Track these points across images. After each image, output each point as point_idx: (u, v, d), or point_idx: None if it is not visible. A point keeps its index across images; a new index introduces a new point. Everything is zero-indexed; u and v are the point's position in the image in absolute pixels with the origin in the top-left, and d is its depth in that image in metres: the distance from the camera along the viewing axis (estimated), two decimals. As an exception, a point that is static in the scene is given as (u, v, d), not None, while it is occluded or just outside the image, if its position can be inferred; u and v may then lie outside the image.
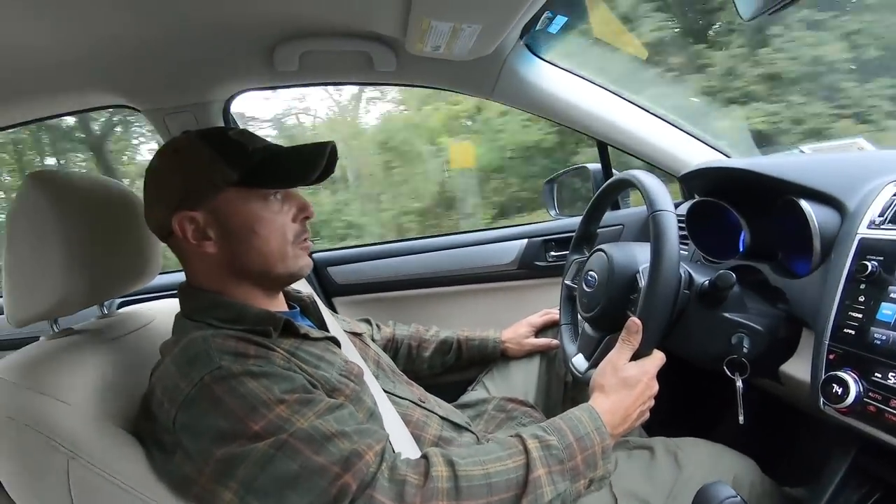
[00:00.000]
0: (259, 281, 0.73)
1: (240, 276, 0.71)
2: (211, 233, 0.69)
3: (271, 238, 0.70)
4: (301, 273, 0.74)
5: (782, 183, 0.80)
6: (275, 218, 0.71)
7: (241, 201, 0.69)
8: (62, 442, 0.58)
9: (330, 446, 0.57)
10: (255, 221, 0.69)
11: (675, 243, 0.72)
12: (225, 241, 0.69)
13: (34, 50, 0.89)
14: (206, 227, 0.69)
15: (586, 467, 0.65)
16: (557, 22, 1.03)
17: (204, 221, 0.68)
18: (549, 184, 1.51)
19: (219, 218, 0.69)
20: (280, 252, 0.71)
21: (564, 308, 1.05)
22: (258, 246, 0.70)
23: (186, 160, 0.69)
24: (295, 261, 0.73)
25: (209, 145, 0.69)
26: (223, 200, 0.68)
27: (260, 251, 0.70)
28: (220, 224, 0.69)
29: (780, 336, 0.77)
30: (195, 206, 0.68)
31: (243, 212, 0.69)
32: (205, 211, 0.68)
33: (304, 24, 0.98)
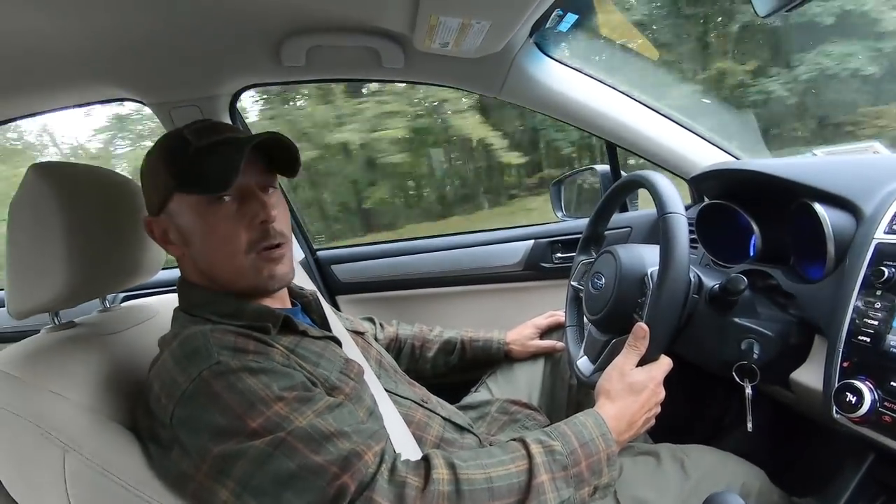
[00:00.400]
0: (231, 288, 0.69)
1: (216, 281, 0.70)
2: (172, 238, 0.69)
3: (220, 248, 0.66)
4: (266, 286, 0.68)
5: (796, 186, 0.79)
6: (221, 225, 0.65)
7: (188, 206, 0.66)
8: (58, 435, 0.57)
9: (329, 446, 0.56)
10: (200, 228, 0.66)
11: (686, 247, 0.71)
12: (185, 247, 0.69)
13: (44, 42, 0.89)
14: (168, 232, 0.69)
15: (591, 474, 0.63)
16: (568, 20, 1.01)
17: (166, 226, 0.69)
18: (557, 185, 1.50)
19: (175, 224, 0.68)
20: (231, 263, 0.66)
21: (570, 310, 1.03)
22: (209, 255, 0.67)
23: (148, 164, 0.69)
24: (257, 273, 0.67)
25: (161, 148, 0.68)
26: (174, 206, 0.67)
27: (212, 261, 0.67)
28: (177, 230, 0.68)
29: (792, 342, 0.76)
30: (156, 211, 0.69)
31: (192, 218, 0.66)
32: (164, 216, 0.68)
33: (312, 18, 0.97)
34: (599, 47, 1.33)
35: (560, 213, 1.48)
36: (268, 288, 0.69)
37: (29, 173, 0.67)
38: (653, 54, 1.49)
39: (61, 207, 0.66)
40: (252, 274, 0.67)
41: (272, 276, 0.68)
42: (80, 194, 0.69)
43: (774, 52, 3.11)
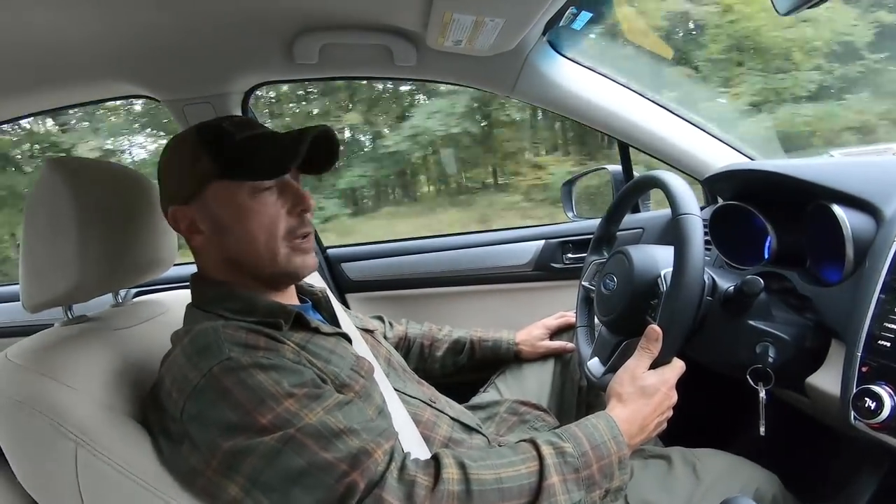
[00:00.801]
0: (257, 277, 0.70)
1: (239, 271, 0.70)
2: (202, 227, 0.68)
3: (258, 233, 0.67)
4: (296, 273, 0.70)
5: (813, 187, 0.77)
6: (263, 211, 0.67)
7: (229, 194, 0.67)
8: (70, 428, 0.58)
9: (338, 443, 0.56)
10: (241, 215, 0.66)
11: (701, 248, 0.70)
12: (216, 235, 0.68)
13: (59, 41, 0.90)
14: (198, 221, 0.68)
15: (602, 477, 0.62)
16: (582, 18, 1.01)
17: (195, 216, 0.68)
18: (567, 185, 1.49)
19: (209, 212, 0.68)
20: (268, 249, 0.67)
21: (581, 310, 1.02)
22: (245, 241, 0.67)
23: (178, 154, 0.69)
24: (288, 260, 0.69)
25: (199, 137, 0.68)
26: (211, 194, 0.67)
27: (247, 247, 0.67)
28: (210, 218, 0.68)
29: (808, 346, 0.74)
30: (187, 201, 0.68)
31: (231, 205, 0.67)
32: (196, 205, 0.68)
33: (325, 16, 0.97)
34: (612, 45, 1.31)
35: (571, 214, 1.47)
36: (298, 275, 0.71)
37: (44, 168, 0.68)
38: (667, 53, 1.48)
39: (76, 202, 0.67)
40: (285, 261, 0.69)
41: (304, 264, 0.70)
42: (95, 189, 0.70)
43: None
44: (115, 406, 0.62)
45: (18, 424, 0.59)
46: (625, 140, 1.22)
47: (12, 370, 0.60)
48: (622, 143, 1.26)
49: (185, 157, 0.68)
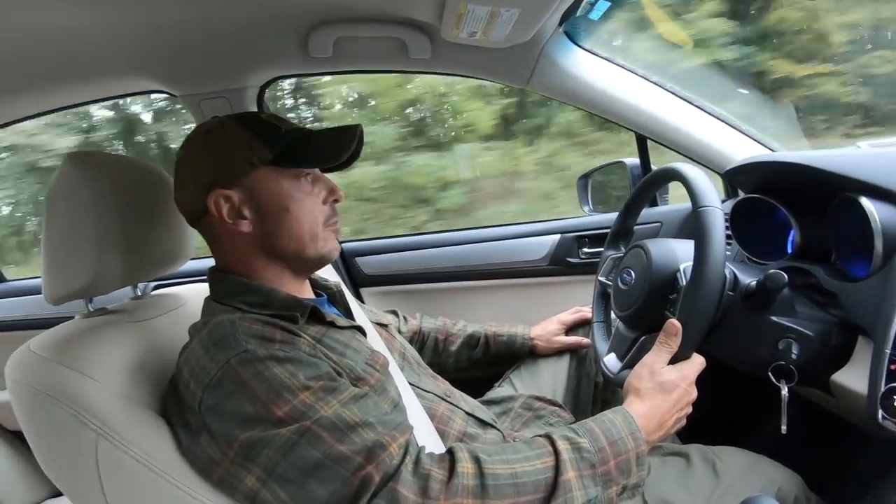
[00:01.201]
0: (290, 263, 0.72)
1: (270, 258, 0.71)
2: (246, 211, 0.69)
3: (303, 218, 0.70)
4: (330, 256, 0.74)
5: (840, 178, 0.75)
6: (306, 198, 0.71)
7: (274, 180, 0.69)
8: (91, 419, 0.58)
9: (353, 436, 0.56)
10: (287, 200, 0.69)
11: (722, 241, 0.68)
12: (259, 219, 0.69)
13: (79, 36, 0.92)
14: (241, 205, 0.69)
15: (619, 473, 0.61)
16: (599, 7, 0.99)
17: (239, 200, 0.68)
18: (584, 179, 1.47)
19: (253, 197, 0.69)
20: (311, 233, 0.71)
21: (597, 306, 1.01)
22: (290, 225, 0.70)
23: (222, 141, 0.69)
24: (325, 243, 0.73)
25: (245, 126, 0.69)
26: (257, 179, 0.69)
27: (291, 231, 0.70)
28: (255, 203, 0.69)
29: (833, 343, 0.72)
30: (230, 185, 0.68)
31: (276, 191, 0.69)
32: (240, 189, 0.68)
33: (340, 9, 0.97)
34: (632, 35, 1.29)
35: (587, 208, 1.45)
36: (331, 258, 0.75)
37: (65, 162, 0.69)
38: (687, 43, 1.45)
39: (96, 196, 0.68)
40: (323, 245, 0.72)
41: (335, 247, 0.75)
42: (115, 183, 0.70)
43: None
44: (135, 397, 0.63)
45: (41, 414, 0.60)
46: (642, 132, 1.20)
47: (35, 361, 0.61)
48: (639, 136, 1.24)
49: (234, 143, 0.68)
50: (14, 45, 0.91)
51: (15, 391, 0.61)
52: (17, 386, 0.61)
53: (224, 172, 0.68)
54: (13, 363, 0.62)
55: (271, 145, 0.68)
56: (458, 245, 1.40)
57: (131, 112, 3.27)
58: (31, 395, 0.60)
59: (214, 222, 0.70)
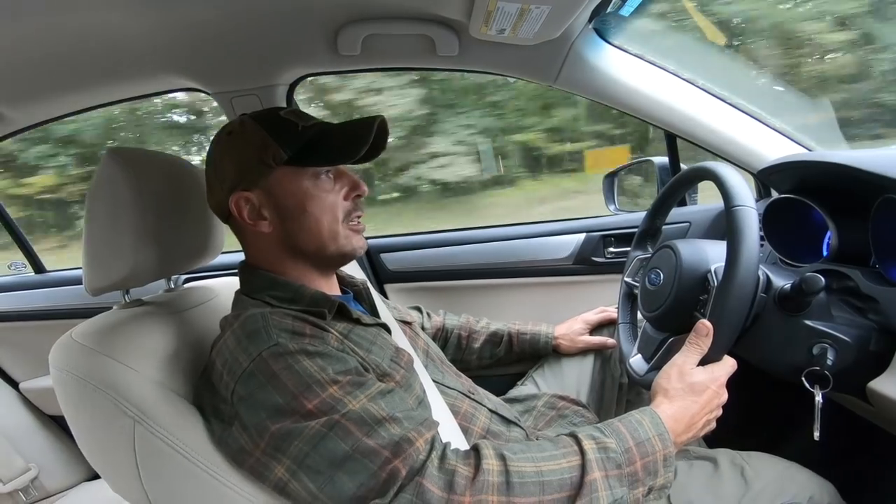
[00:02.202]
0: (313, 261, 0.73)
1: (295, 256, 0.72)
2: (266, 212, 0.70)
3: (322, 216, 0.71)
4: (354, 253, 0.74)
5: (881, 179, 0.72)
6: (326, 196, 0.71)
7: (293, 180, 0.70)
8: (129, 406, 0.61)
9: (381, 430, 0.56)
10: (306, 199, 0.70)
11: (756, 241, 0.67)
12: (279, 220, 0.71)
13: (117, 36, 0.95)
14: (261, 206, 0.70)
15: (646, 474, 0.61)
16: (630, 4, 0.97)
17: (259, 201, 0.70)
18: (610, 177, 1.45)
19: (273, 197, 0.70)
20: (331, 231, 0.71)
21: (623, 306, 1.00)
22: (310, 224, 0.71)
23: (240, 142, 0.70)
24: (347, 240, 0.73)
25: (261, 126, 0.70)
26: (276, 179, 0.70)
27: (311, 229, 0.71)
28: (274, 203, 0.70)
29: (871, 349, 0.70)
30: (250, 187, 0.70)
31: (295, 190, 0.70)
32: (259, 191, 0.70)
33: (369, 7, 0.98)
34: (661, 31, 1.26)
35: (612, 207, 1.43)
36: (354, 254, 0.75)
37: (104, 158, 0.71)
38: (719, 38, 1.41)
39: (134, 191, 0.70)
40: (345, 241, 0.73)
41: (360, 244, 0.75)
42: (151, 179, 0.73)
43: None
44: (170, 386, 0.65)
45: (82, 400, 0.63)
46: (672, 131, 1.18)
47: (77, 350, 0.64)
48: (669, 134, 1.22)
49: (250, 145, 0.69)
50: (55, 46, 0.94)
51: (58, 378, 0.64)
52: (61, 373, 0.63)
53: (243, 174, 0.70)
54: (57, 351, 0.65)
55: (287, 145, 0.69)
56: (483, 243, 1.40)
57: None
58: (74, 382, 0.62)
59: (239, 222, 0.71)
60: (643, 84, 1.12)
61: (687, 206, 1.31)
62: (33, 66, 1.01)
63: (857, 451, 0.93)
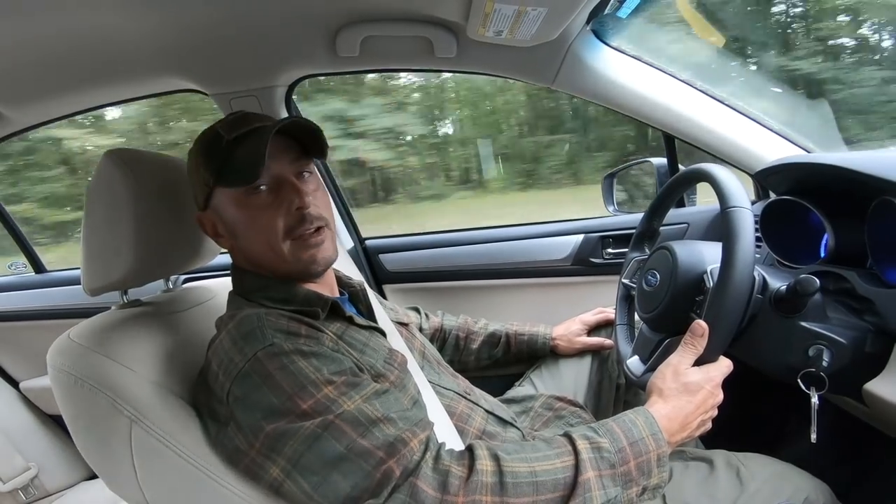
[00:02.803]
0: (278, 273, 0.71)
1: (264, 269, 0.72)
2: (220, 230, 0.72)
3: (258, 236, 0.68)
4: (308, 269, 0.70)
5: (878, 181, 0.72)
6: (259, 214, 0.67)
7: (228, 199, 0.69)
8: (126, 406, 0.61)
9: (375, 430, 0.57)
10: (240, 220, 0.69)
11: (751, 242, 0.67)
12: (232, 238, 0.71)
13: (116, 37, 0.95)
14: (215, 225, 0.72)
15: (640, 474, 0.61)
16: (628, 5, 0.97)
17: (213, 220, 0.71)
18: (609, 178, 1.45)
19: (220, 216, 0.71)
20: (272, 250, 0.68)
21: (621, 308, 1.00)
22: (252, 243, 0.69)
23: (191, 163, 0.72)
24: (294, 257, 0.69)
25: (199, 145, 0.70)
26: (217, 200, 0.70)
27: (255, 249, 0.69)
28: (223, 223, 0.71)
29: (867, 351, 0.70)
30: (204, 207, 0.72)
31: (232, 210, 0.69)
32: (211, 210, 0.71)
33: (367, 9, 0.98)
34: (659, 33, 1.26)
35: (611, 208, 1.43)
36: (310, 272, 0.71)
37: (103, 159, 0.71)
38: (718, 40, 1.41)
39: (132, 193, 0.70)
40: (293, 259, 0.69)
41: (314, 260, 0.70)
42: (149, 180, 0.73)
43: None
44: (167, 386, 0.65)
45: (80, 400, 0.63)
46: (671, 132, 1.18)
47: (75, 350, 0.64)
48: (667, 136, 1.22)
49: (192, 166, 0.71)
50: (54, 47, 0.95)
51: (56, 378, 0.64)
52: (58, 373, 0.64)
53: (196, 195, 0.72)
54: (55, 351, 0.65)
55: (211, 165, 0.68)
56: (481, 243, 1.40)
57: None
58: (71, 381, 0.63)
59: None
60: (641, 85, 1.12)
61: (685, 208, 1.31)
62: (32, 67, 1.01)
63: (852, 452, 0.93)
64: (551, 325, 1.15)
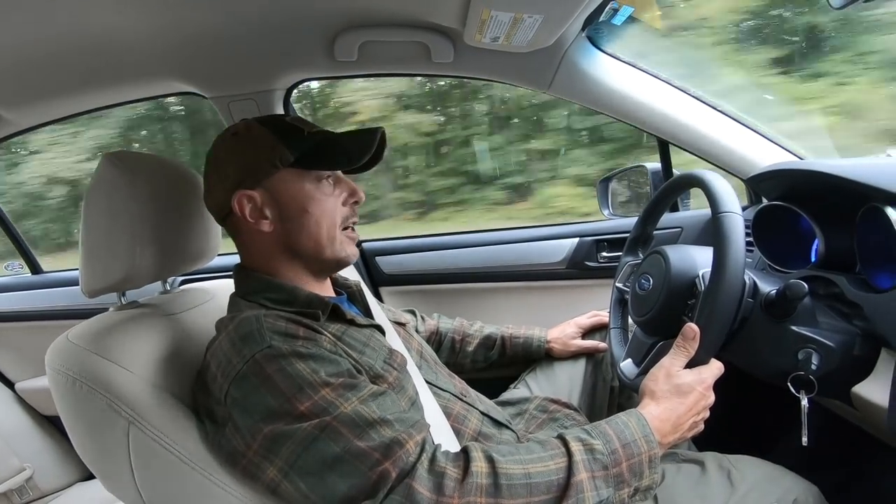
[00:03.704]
0: (309, 263, 0.75)
1: (292, 258, 0.74)
2: (268, 211, 0.72)
3: (322, 219, 0.73)
4: (347, 260, 0.76)
5: (867, 188, 0.74)
6: (326, 199, 0.73)
7: (296, 182, 0.72)
8: (124, 407, 0.62)
9: (372, 432, 0.57)
10: (308, 201, 0.72)
11: (742, 246, 0.68)
12: (280, 219, 0.72)
13: (114, 40, 0.96)
14: (264, 205, 0.71)
15: (632, 475, 0.62)
16: (623, 13, 0.98)
17: (261, 200, 0.71)
18: (604, 182, 1.46)
19: (275, 197, 0.72)
20: (329, 235, 0.73)
21: (614, 311, 1.01)
22: (309, 226, 0.72)
23: (246, 143, 0.72)
24: (342, 246, 0.75)
25: (270, 129, 0.72)
26: (280, 180, 0.71)
27: (311, 231, 0.72)
28: (276, 203, 0.72)
29: (855, 354, 0.71)
30: (254, 186, 0.71)
31: (298, 192, 0.72)
32: (263, 190, 0.71)
33: (366, 14, 0.99)
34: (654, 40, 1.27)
35: (606, 212, 1.45)
36: (347, 262, 0.77)
37: (102, 161, 0.72)
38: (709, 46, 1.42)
39: (131, 195, 0.71)
40: (340, 247, 0.75)
41: (353, 252, 0.77)
42: (148, 182, 0.74)
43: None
44: (165, 388, 0.66)
45: (78, 401, 0.63)
46: (665, 137, 1.19)
47: (73, 351, 0.65)
48: (662, 141, 1.23)
49: (258, 145, 0.71)
50: (51, 48, 0.95)
51: (54, 379, 0.64)
52: (56, 374, 0.64)
53: (248, 173, 0.71)
54: (53, 352, 0.66)
55: (294, 148, 0.71)
56: (477, 247, 1.41)
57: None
58: (69, 382, 0.63)
59: (239, 221, 0.73)
60: (636, 91, 1.13)
61: (679, 212, 1.33)
62: (31, 69, 1.02)
63: (842, 454, 0.94)
64: (546, 328, 1.16)
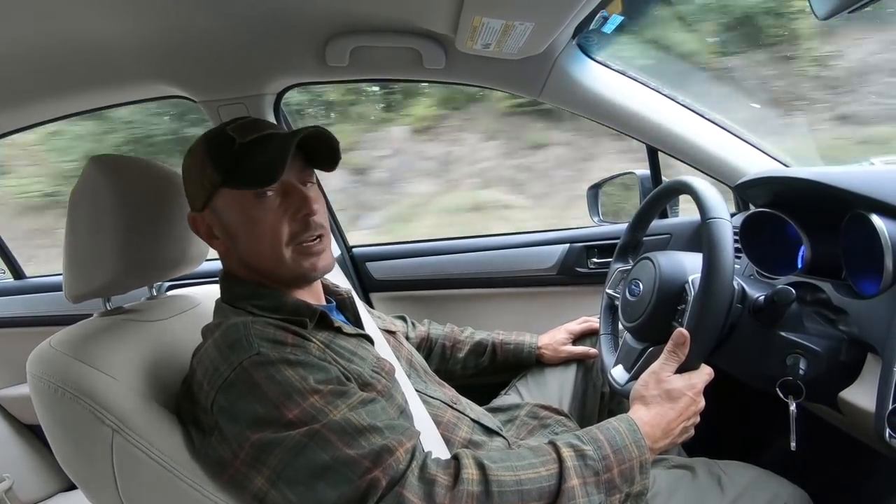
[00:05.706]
0: (272, 278, 0.71)
1: (258, 273, 0.72)
2: (216, 232, 0.71)
3: (261, 240, 0.68)
4: (307, 276, 0.71)
5: (851, 195, 0.75)
6: (265, 217, 0.67)
7: (232, 201, 0.68)
8: (108, 415, 0.60)
9: (361, 440, 0.57)
10: (245, 222, 0.68)
11: (731, 252, 0.69)
12: (229, 241, 0.71)
13: (103, 43, 0.95)
14: (212, 226, 0.71)
15: (623, 481, 0.62)
16: (612, 21, 1.00)
17: (209, 221, 0.71)
18: (593, 189, 1.47)
19: (219, 217, 0.70)
20: (273, 254, 0.68)
21: (605, 318, 1.01)
22: (253, 247, 0.69)
23: (191, 162, 0.71)
24: (295, 263, 0.69)
25: (205, 145, 0.69)
26: (220, 199, 0.69)
27: (256, 251, 0.69)
28: (221, 224, 0.70)
29: (841, 360, 0.72)
30: (200, 208, 0.71)
31: (236, 212, 0.68)
32: (209, 211, 0.70)
33: (357, 19, 0.99)
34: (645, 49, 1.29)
35: (596, 218, 1.45)
36: (308, 278, 0.71)
37: (88, 165, 0.71)
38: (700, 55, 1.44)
39: (117, 199, 0.70)
40: (294, 265, 0.69)
41: (314, 267, 0.70)
42: (134, 187, 0.73)
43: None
44: (150, 395, 0.65)
45: (60, 409, 0.62)
46: (654, 144, 1.21)
47: (56, 358, 0.63)
48: (651, 148, 1.24)
49: (196, 165, 0.70)
50: (39, 51, 0.94)
51: (35, 386, 0.63)
52: (38, 381, 0.62)
53: (192, 196, 0.71)
54: (34, 359, 0.64)
55: (220, 166, 0.67)
56: (468, 252, 1.41)
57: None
58: (51, 390, 0.61)
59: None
60: (625, 99, 1.15)
61: (668, 219, 1.34)
62: (19, 71, 1.00)
63: (830, 459, 0.95)
64: (537, 334, 1.16)
